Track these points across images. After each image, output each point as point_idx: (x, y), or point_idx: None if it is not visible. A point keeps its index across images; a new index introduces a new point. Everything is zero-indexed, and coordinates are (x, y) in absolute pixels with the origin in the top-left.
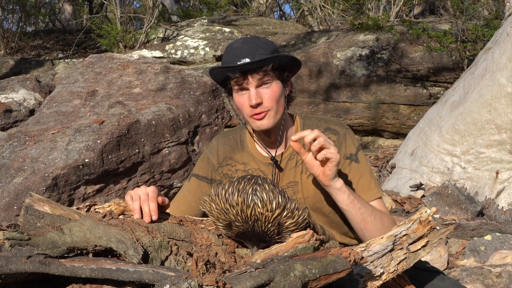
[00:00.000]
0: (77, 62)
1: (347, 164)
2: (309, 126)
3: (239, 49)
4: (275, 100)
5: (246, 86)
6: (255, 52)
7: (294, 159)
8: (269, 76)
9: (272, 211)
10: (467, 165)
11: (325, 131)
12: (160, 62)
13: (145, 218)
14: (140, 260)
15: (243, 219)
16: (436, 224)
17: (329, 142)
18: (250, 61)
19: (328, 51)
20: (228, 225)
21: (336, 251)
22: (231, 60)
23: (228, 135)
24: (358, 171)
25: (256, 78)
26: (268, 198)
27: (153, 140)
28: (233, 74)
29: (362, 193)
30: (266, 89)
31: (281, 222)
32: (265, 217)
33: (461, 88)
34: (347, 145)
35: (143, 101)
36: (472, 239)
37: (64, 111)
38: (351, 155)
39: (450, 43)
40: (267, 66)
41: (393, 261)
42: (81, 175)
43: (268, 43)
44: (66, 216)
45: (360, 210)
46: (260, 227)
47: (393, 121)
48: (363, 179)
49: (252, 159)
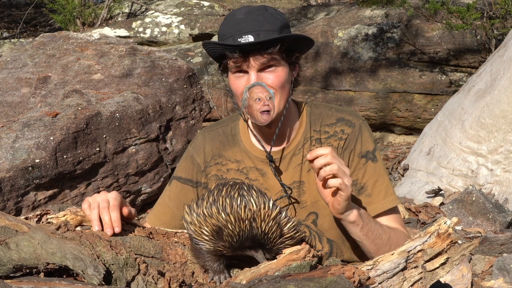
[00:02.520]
0: (26, 43)
1: (362, 164)
2: (317, 115)
3: (242, 22)
4: (279, 86)
5: (245, 68)
6: (261, 28)
7: (299, 154)
8: (275, 60)
9: (269, 209)
10: (495, 166)
11: (338, 121)
12: (126, 42)
13: (107, 230)
14: (101, 280)
15: (237, 219)
16: (457, 237)
17: (343, 171)
18: (253, 41)
19: (328, 29)
20: (216, 233)
21: (337, 270)
22: (231, 34)
23: (217, 129)
24: (375, 173)
25: (260, 61)
26: (261, 200)
27: (117, 137)
28: (232, 54)
29: (378, 199)
30: (269, 74)
31: (281, 223)
32: (263, 216)
33: (488, 73)
34: (363, 140)
35: (105, 89)
36: (501, 255)
37: (9, 102)
38: (367, 152)
39: (474, 20)
40: (273, 48)
41: (406, 282)
42: (30, 178)
43: (276, 17)
44: (12, 228)
45: (374, 242)
46: (259, 227)
47: (406, 114)
48: (379, 182)
49: (246, 156)
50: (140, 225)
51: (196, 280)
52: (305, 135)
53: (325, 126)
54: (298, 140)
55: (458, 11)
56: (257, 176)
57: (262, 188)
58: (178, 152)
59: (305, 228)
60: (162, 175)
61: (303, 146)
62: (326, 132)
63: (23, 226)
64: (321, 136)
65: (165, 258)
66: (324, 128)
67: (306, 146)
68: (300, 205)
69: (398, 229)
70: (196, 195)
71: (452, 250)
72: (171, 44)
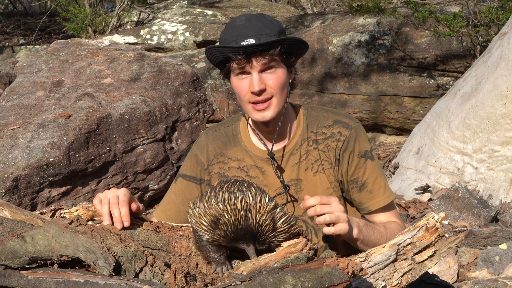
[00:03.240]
0: (41, 49)
1: (362, 163)
2: (314, 117)
3: (243, 27)
4: (279, 87)
5: (248, 70)
6: (261, 32)
7: (297, 153)
8: (275, 61)
9: (265, 203)
10: (480, 164)
11: (335, 123)
12: (134, 48)
13: (116, 224)
14: (111, 271)
15: (233, 209)
16: (444, 231)
17: (338, 216)
18: (255, 43)
19: (323, 36)
20: (213, 222)
21: (332, 261)
22: (233, 39)
23: (219, 129)
24: (374, 170)
25: (261, 62)
26: (258, 195)
27: (126, 137)
28: (236, 56)
29: (379, 194)
30: (270, 75)
31: (275, 217)
32: (259, 208)
33: (473, 78)
34: (360, 141)
35: (114, 92)
36: (486, 248)
37: (26, 104)
38: (365, 152)
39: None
40: (274, 50)
41: (397, 273)
42: (45, 176)
43: (274, 23)
44: (28, 222)
45: (373, 247)
46: (254, 218)
47: (396, 115)
48: (379, 179)
49: (247, 155)
50: (148, 219)
51: (200, 271)
52: (303, 136)
53: (322, 128)
54: (296, 140)
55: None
56: (257, 174)
57: (262, 185)
58: (183, 151)
59: (302, 223)
60: (168, 173)
61: (301, 146)
62: (323, 133)
63: (38, 220)
64: (317, 137)
65: (171, 251)
66: (321, 129)
67: (304, 146)
68: (298, 202)
69: (394, 222)
70: (200, 192)
71: (440, 243)
72: (176, 50)
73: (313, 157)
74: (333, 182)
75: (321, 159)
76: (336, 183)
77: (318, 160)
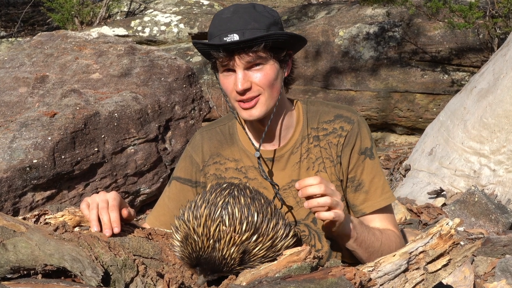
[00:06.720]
0: (23, 42)
1: (361, 161)
2: (314, 112)
3: (228, 21)
4: (267, 84)
5: (232, 67)
6: (247, 26)
7: (297, 152)
8: (262, 58)
9: (240, 233)
10: (498, 166)
11: (336, 118)
12: (124, 41)
13: (105, 231)
14: (99, 282)
15: (203, 234)
16: (460, 238)
17: (336, 201)
18: (238, 40)
19: (329, 28)
20: (184, 238)
21: (338, 271)
22: (218, 33)
23: (214, 128)
24: (373, 170)
25: (245, 60)
26: (240, 215)
27: (115, 137)
28: (217, 53)
29: (375, 196)
30: (257, 72)
31: (247, 248)
32: (230, 238)
33: (491, 73)
34: (362, 137)
35: (103, 89)
36: (504, 257)
37: (7, 101)
38: (366, 149)
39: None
40: (257, 46)
41: (408, 284)
42: (28, 179)
43: (264, 14)
44: (10, 228)
45: (367, 250)
46: (221, 250)
47: (408, 114)
48: (376, 179)
49: (244, 155)
50: (139, 226)
51: (195, 281)
52: (303, 133)
53: (323, 123)
54: (296, 138)
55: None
56: (255, 175)
57: (261, 187)
58: (178, 152)
59: (304, 228)
60: (161, 175)
61: (301, 145)
62: (324, 129)
63: (21, 226)
64: (319, 133)
65: (164, 259)
66: (322, 125)
67: (304, 144)
68: (299, 204)
69: (390, 230)
70: (195, 195)
71: (454, 251)
72: (170, 43)
73: (314, 156)
74: (335, 181)
75: (322, 157)
76: (337, 182)
77: (319, 158)
